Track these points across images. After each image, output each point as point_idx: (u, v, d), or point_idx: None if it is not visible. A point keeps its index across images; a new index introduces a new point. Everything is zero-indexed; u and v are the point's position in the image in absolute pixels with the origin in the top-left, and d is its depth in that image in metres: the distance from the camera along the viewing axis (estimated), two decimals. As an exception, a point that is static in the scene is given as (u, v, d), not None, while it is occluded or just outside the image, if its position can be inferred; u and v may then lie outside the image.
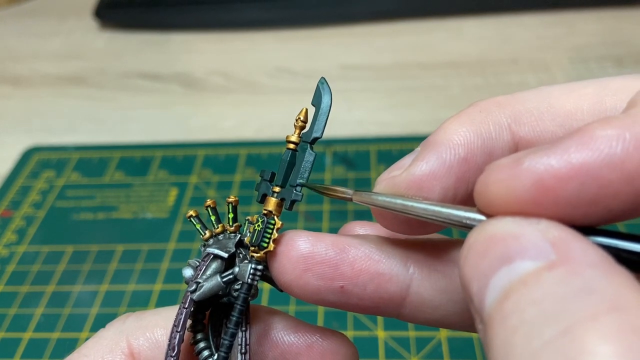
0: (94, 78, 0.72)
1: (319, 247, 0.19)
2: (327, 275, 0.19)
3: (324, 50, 0.74)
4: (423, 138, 0.65)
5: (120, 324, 0.23)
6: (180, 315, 0.21)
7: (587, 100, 0.18)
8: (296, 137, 0.22)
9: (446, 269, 0.20)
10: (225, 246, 0.22)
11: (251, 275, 0.21)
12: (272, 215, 0.21)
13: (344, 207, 0.51)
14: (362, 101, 0.64)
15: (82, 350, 0.22)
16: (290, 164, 0.22)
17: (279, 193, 0.22)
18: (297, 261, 0.19)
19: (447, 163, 0.18)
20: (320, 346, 0.22)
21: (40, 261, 0.49)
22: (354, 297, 0.19)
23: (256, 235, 0.21)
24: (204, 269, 0.22)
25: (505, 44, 0.71)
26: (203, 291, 0.21)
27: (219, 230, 0.23)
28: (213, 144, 0.59)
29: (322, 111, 0.22)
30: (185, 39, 0.78)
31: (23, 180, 0.57)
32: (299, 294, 0.20)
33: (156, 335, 0.22)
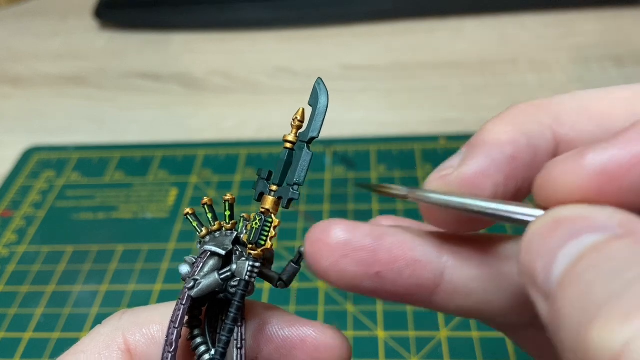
0: (94, 78, 0.72)
1: (356, 234, 0.20)
2: (365, 261, 0.19)
3: (324, 50, 0.74)
4: (423, 138, 0.64)
5: (117, 320, 0.23)
6: (177, 311, 0.21)
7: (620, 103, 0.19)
8: (293, 137, 0.22)
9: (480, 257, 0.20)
10: (222, 243, 0.22)
11: (249, 272, 0.21)
12: (270, 214, 0.22)
13: (343, 208, 0.51)
14: (362, 101, 0.64)
15: (79, 347, 0.22)
16: (287, 163, 0.22)
17: (276, 192, 0.22)
18: (336, 247, 0.19)
19: (496, 161, 0.19)
20: (314, 340, 0.22)
21: (40, 261, 0.49)
22: (389, 283, 0.20)
23: (254, 233, 0.21)
24: (201, 266, 0.22)
25: (505, 44, 0.71)
26: (201, 288, 0.21)
27: (215, 227, 0.23)
28: (213, 144, 0.59)
29: (319, 111, 0.22)
30: (185, 39, 0.78)
31: (23, 180, 0.57)
32: (335, 280, 0.20)
33: (152, 331, 0.22)
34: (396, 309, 0.42)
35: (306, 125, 0.22)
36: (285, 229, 0.49)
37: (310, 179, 0.54)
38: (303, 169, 0.22)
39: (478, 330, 0.40)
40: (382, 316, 0.42)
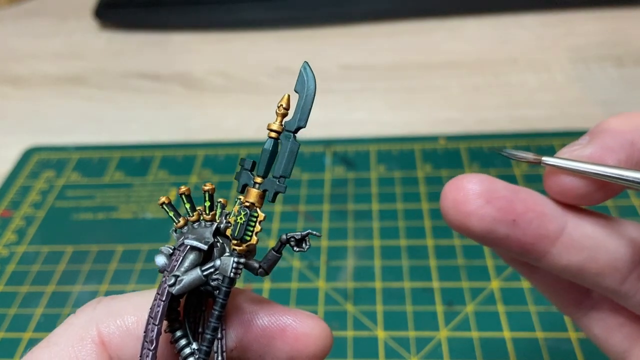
0: (94, 78, 0.72)
1: (497, 185, 0.22)
2: (504, 208, 0.21)
3: (324, 50, 0.74)
4: (423, 138, 0.64)
5: (91, 310, 0.22)
6: (157, 307, 0.20)
7: None
8: (278, 126, 0.21)
9: (596, 220, 0.23)
10: (203, 236, 0.21)
11: (234, 269, 0.20)
12: (255, 208, 0.21)
13: (343, 208, 0.51)
14: (362, 101, 0.64)
15: (52, 338, 0.22)
16: (272, 153, 0.21)
17: (261, 184, 0.21)
18: (480, 193, 0.21)
19: (619, 143, 0.22)
20: (294, 330, 0.22)
21: (40, 261, 0.49)
22: (520, 231, 0.22)
23: (239, 229, 0.20)
24: (180, 260, 0.21)
25: (505, 44, 0.71)
26: (183, 285, 0.20)
27: (194, 218, 0.22)
28: (213, 144, 0.59)
29: (307, 99, 0.21)
30: (185, 39, 0.78)
31: (23, 180, 0.57)
32: (475, 224, 0.21)
33: (127, 322, 0.22)
34: (396, 309, 0.42)
35: (292, 113, 0.21)
36: (285, 229, 0.49)
37: (310, 179, 0.54)
38: (290, 161, 0.21)
39: (478, 330, 0.40)
40: (382, 316, 0.42)
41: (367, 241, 0.48)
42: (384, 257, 0.46)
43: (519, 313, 0.41)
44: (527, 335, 0.40)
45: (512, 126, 0.58)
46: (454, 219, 0.22)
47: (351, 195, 0.52)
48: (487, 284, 0.44)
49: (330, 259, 0.47)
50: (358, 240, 0.48)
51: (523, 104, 0.61)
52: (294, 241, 0.21)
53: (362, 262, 0.46)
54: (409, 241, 0.47)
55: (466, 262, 0.45)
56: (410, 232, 0.48)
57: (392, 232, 0.48)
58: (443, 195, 0.22)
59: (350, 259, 0.46)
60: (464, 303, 0.42)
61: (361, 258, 0.46)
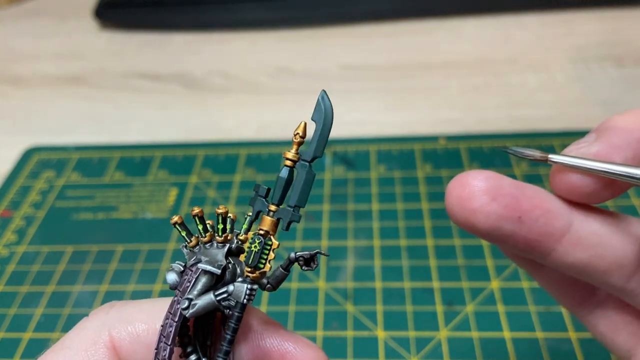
0: (94, 78, 0.72)
1: (503, 182, 0.22)
2: (510, 205, 0.21)
3: (324, 50, 0.74)
4: (423, 138, 0.64)
5: (104, 314, 0.23)
6: (169, 327, 0.21)
7: None
8: (294, 155, 0.21)
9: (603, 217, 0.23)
10: (215, 259, 0.22)
11: (247, 296, 0.21)
12: (269, 236, 0.21)
13: (343, 208, 0.51)
14: (362, 101, 0.64)
15: (65, 342, 0.22)
16: (288, 182, 0.21)
17: (275, 212, 0.21)
18: (486, 190, 0.22)
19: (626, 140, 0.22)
20: (293, 357, 0.22)
21: (40, 261, 0.49)
22: (525, 228, 0.22)
23: (253, 257, 0.21)
24: (193, 282, 0.21)
25: (505, 44, 0.71)
26: (197, 310, 0.21)
27: (206, 239, 0.22)
28: (213, 144, 0.59)
29: (324, 128, 0.21)
30: (185, 39, 0.78)
31: (23, 180, 0.57)
32: (480, 222, 0.22)
33: (138, 329, 0.22)
34: (396, 309, 0.42)
35: (309, 140, 0.21)
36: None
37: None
38: (305, 191, 0.21)
39: (478, 330, 0.40)
40: (382, 316, 0.42)
41: (367, 241, 0.48)
42: (384, 257, 0.46)
43: (519, 313, 0.41)
44: (527, 335, 0.40)
45: (512, 126, 0.58)
46: (459, 216, 0.22)
47: (351, 195, 0.52)
48: (487, 284, 0.44)
49: (330, 259, 0.47)
50: (358, 240, 0.48)
51: (523, 104, 0.61)
52: (302, 260, 0.22)
53: (362, 262, 0.46)
54: (409, 241, 0.47)
55: (466, 262, 0.45)
56: (410, 232, 0.48)
57: (392, 232, 0.48)
58: (448, 192, 0.22)
59: (350, 259, 0.46)
60: (464, 303, 0.42)
61: (361, 258, 0.46)
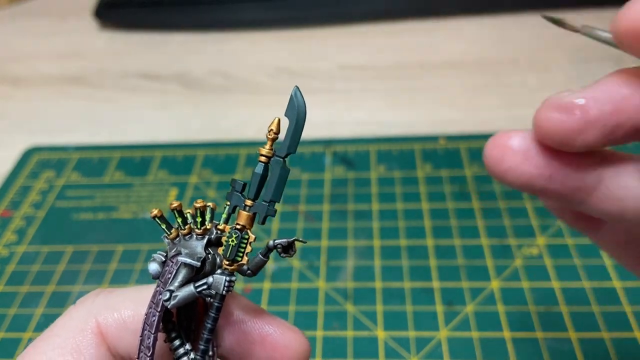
0: (94, 78, 0.72)
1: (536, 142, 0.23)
2: (541, 165, 0.22)
3: (324, 50, 0.74)
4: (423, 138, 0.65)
5: (90, 302, 0.23)
6: (152, 317, 0.22)
7: None
8: (268, 151, 0.22)
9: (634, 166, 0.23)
10: (195, 251, 0.22)
11: (226, 287, 0.21)
12: (246, 230, 0.22)
13: (343, 208, 0.51)
14: (362, 101, 0.64)
15: (54, 330, 0.22)
16: (263, 177, 0.22)
17: (251, 207, 0.22)
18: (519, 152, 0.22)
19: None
20: (273, 340, 0.23)
21: (40, 261, 0.49)
22: (557, 184, 0.23)
23: (230, 251, 0.21)
24: (174, 274, 0.22)
25: (505, 44, 0.71)
26: (178, 301, 0.21)
27: (185, 231, 0.23)
28: (213, 144, 0.59)
29: (297, 125, 0.21)
30: (185, 39, 0.78)
31: (23, 180, 0.57)
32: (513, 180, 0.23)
33: (124, 316, 0.23)
34: (396, 309, 0.42)
35: (283, 137, 0.21)
36: (286, 229, 0.49)
37: (310, 179, 0.54)
38: (279, 186, 0.21)
39: (478, 330, 0.40)
40: (382, 316, 0.42)
41: (367, 241, 0.48)
42: (384, 257, 0.46)
43: (519, 313, 0.41)
44: (527, 335, 0.40)
45: (512, 126, 0.58)
46: (494, 174, 0.23)
47: (351, 195, 0.52)
48: (487, 284, 0.44)
49: (330, 259, 0.47)
50: (358, 240, 0.48)
51: (523, 104, 0.61)
52: (280, 248, 0.23)
53: (362, 262, 0.46)
54: (409, 241, 0.47)
55: (466, 262, 0.45)
56: (410, 232, 0.48)
57: (392, 232, 0.48)
58: (485, 151, 0.23)
59: (350, 259, 0.47)
60: (464, 303, 0.42)
61: (361, 258, 0.46)
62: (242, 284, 0.45)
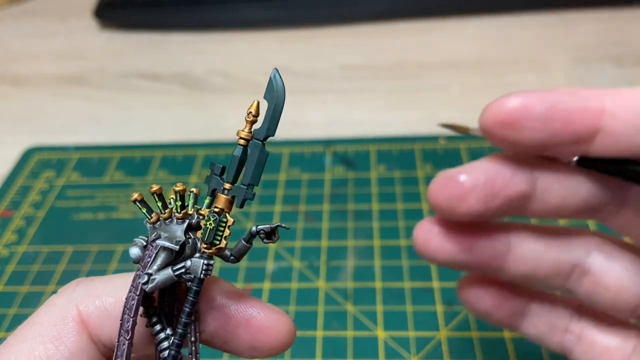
0: (94, 78, 0.72)
1: (453, 223, 0.27)
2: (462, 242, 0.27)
3: (324, 50, 0.74)
4: (423, 138, 0.64)
5: (71, 291, 0.23)
6: (132, 301, 0.21)
7: None
8: (247, 133, 0.21)
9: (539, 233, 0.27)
10: (174, 235, 0.22)
11: (204, 270, 0.21)
12: (224, 213, 0.22)
13: (343, 208, 0.51)
14: (362, 101, 0.64)
15: (35, 319, 0.22)
16: (241, 160, 0.21)
17: (230, 190, 0.22)
18: (440, 234, 0.28)
19: None
20: (258, 322, 0.23)
21: (40, 261, 0.49)
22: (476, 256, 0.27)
23: (208, 234, 0.21)
24: (153, 258, 0.22)
25: (505, 44, 0.71)
26: (156, 284, 0.21)
27: (166, 215, 0.23)
28: (213, 144, 0.59)
29: (276, 107, 0.21)
30: (185, 39, 0.78)
31: (23, 180, 0.57)
32: (441, 256, 0.27)
33: (105, 303, 0.22)
34: (396, 309, 0.42)
35: (261, 120, 0.21)
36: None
37: (310, 179, 0.54)
38: (258, 169, 0.21)
39: (478, 330, 0.40)
40: (382, 316, 0.42)
41: (367, 241, 0.48)
42: (384, 257, 0.46)
43: (519, 313, 0.41)
44: (527, 335, 0.40)
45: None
46: (424, 254, 0.28)
47: (351, 195, 0.52)
48: (487, 284, 0.44)
49: (330, 259, 0.47)
50: (358, 240, 0.48)
51: (523, 104, 0.61)
52: (263, 234, 0.22)
53: (362, 262, 0.46)
54: (409, 241, 0.47)
55: (466, 262, 0.45)
56: (410, 232, 0.48)
57: (392, 232, 0.48)
58: (414, 237, 0.28)
59: (350, 259, 0.47)
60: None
61: (361, 258, 0.46)
62: (242, 284, 0.45)
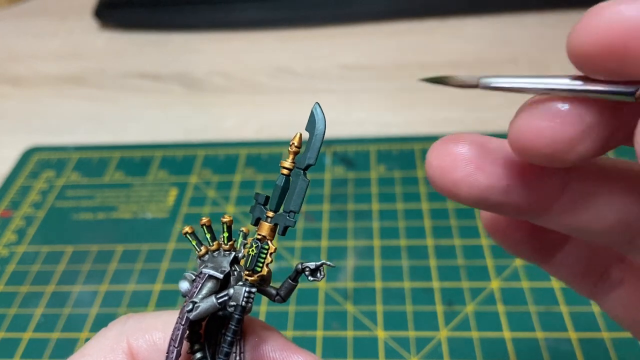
0: (94, 78, 0.72)
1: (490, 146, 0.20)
2: (496, 174, 0.19)
3: (324, 50, 0.74)
4: (423, 138, 0.64)
5: (122, 325, 0.23)
6: (177, 330, 0.22)
7: None
8: (290, 163, 0.22)
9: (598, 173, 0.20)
10: (220, 265, 0.23)
11: (245, 298, 0.22)
12: (266, 240, 0.22)
13: (343, 208, 0.51)
14: (362, 101, 0.64)
15: (85, 350, 0.23)
16: (284, 189, 0.22)
17: (272, 218, 0.22)
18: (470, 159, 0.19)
19: None
20: None
21: (40, 261, 0.49)
22: (515, 195, 0.19)
23: (250, 260, 0.22)
24: (199, 287, 0.22)
25: (505, 44, 0.71)
26: (199, 312, 0.22)
27: (214, 247, 0.23)
28: (213, 144, 0.59)
29: (316, 138, 0.22)
30: (185, 39, 0.78)
31: (23, 180, 0.57)
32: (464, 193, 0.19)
33: (154, 337, 0.23)
34: (396, 309, 0.42)
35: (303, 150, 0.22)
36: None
37: (310, 179, 0.54)
38: (299, 197, 0.22)
39: (478, 330, 0.40)
40: (382, 316, 0.42)
41: (367, 241, 0.48)
42: (384, 257, 0.46)
43: (519, 313, 0.41)
44: (527, 335, 0.40)
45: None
46: (441, 187, 0.20)
47: (351, 195, 0.52)
48: (487, 284, 0.44)
49: (330, 259, 0.47)
50: (358, 240, 0.48)
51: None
52: (308, 271, 0.23)
53: (362, 262, 0.46)
54: (409, 241, 0.47)
55: (466, 262, 0.45)
56: (410, 232, 0.48)
57: (392, 232, 0.48)
58: (427, 161, 0.20)
59: (350, 259, 0.46)
60: (464, 303, 0.42)
61: (361, 258, 0.46)
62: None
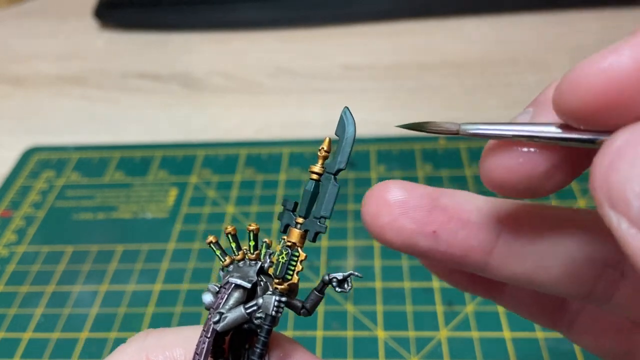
0: (94, 78, 0.72)
1: (414, 194, 0.20)
2: (421, 219, 0.19)
3: (324, 50, 0.74)
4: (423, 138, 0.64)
5: (141, 340, 0.23)
6: (202, 344, 0.21)
7: None
8: (319, 168, 0.22)
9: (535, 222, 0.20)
10: (247, 274, 0.22)
11: (275, 307, 0.21)
12: (296, 247, 0.21)
13: (343, 207, 0.51)
14: (362, 101, 0.64)
15: None
16: (313, 194, 0.22)
17: (302, 224, 0.22)
18: (394, 205, 0.20)
19: None
20: None
21: (40, 261, 0.49)
22: (444, 243, 0.20)
23: (280, 268, 0.21)
24: (225, 298, 0.22)
25: (505, 44, 0.71)
26: (227, 323, 0.21)
27: (239, 257, 0.23)
28: (213, 144, 0.59)
29: (347, 142, 0.21)
30: (185, 39, 0.78)
31: (23, 180, 0.57)
32: (392, 238, 0.20)
33: (175, 354, 0.22)
34: (396, 309, 0.42)
35: (332, 155, 0.22)
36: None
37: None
38: (330, 202, 0.21)
39: (478, 330, 0.40)
40: (382, 316, 0.42)
41: (367, 241, 0.48)
42: (384, 257, 0.46)
43: (519, 313, 0.41)
44: (527, 335, 0.40)
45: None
46: (372, 232, 0.20)
47: (351, 195, 0.52)
48: (487, 284, 0.44)
49: (330, 259, 0.47)
50: (358, 240, 0.48)
51: (523, 104, 0.61)
52: (336, 281, 0.22)
53: (362, 262, 0.46)
54: (409, 241, 0.47)
55: (466, 262, 0.45)
56: (410, 232, 0.48)
57: (392, 232, 0.48)
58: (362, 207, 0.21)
59: (350, 259, 0.46)
60: (464, 303, 0.42)
61: (361, 258, 0.46)
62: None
